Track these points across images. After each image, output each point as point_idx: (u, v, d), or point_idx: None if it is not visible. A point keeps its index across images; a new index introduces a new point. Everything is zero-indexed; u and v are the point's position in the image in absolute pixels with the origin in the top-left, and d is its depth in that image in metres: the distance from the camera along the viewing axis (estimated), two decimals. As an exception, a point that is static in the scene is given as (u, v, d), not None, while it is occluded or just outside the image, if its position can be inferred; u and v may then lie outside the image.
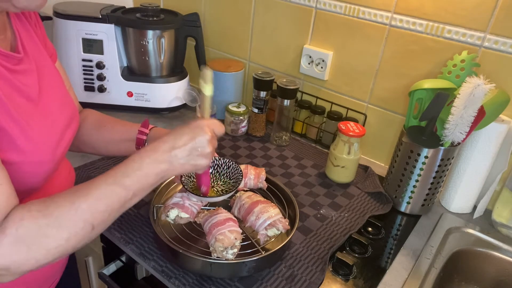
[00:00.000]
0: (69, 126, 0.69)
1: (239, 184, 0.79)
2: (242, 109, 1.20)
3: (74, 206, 0.53)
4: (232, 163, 0.83)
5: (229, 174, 0.83)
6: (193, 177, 0.81)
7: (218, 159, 0.83)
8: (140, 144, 0.82)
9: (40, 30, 0.70)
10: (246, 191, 0.88)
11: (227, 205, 0.88)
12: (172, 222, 0.78)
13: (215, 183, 0.83)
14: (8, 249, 0.49)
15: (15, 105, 0.57)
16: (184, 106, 1.33)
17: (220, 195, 0.77)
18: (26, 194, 0.63)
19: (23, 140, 0.57)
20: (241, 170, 0.82)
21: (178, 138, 0.62)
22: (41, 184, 0.65)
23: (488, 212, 1.00)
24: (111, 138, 0.83)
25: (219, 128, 0.66)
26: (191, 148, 0.62)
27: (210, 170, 0.82)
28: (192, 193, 0.76)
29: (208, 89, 0.65)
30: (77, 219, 0.53)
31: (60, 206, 0.53)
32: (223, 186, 0.82)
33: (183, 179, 0.79)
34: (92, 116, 0.84)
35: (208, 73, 0.64)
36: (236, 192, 0.82)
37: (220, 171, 0.84)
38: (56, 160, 0.65)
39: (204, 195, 0.77)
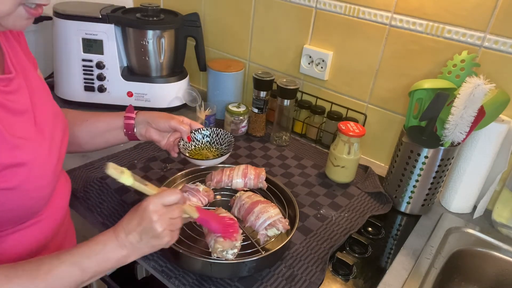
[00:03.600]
0: (63, 138, 0.69)
1: (232, 146, 0.87)
2: (242, 109, 1.20)
3: (33, 283, 0.53)
4: (220, 130, 0.91)
5: (219, 140, 0.90)
6: (190, 143, 0.89)
7: (205, 129, 0.90)
8: (129, 129, 0.82)
9: (22, 39, 0.69)
10: (246, 191, 0.88)
11: (227, 205, 0.88)
12: (172, 222, 0.78)
13: (210, 152, 0.90)
14: None
15: (13, 129, 0.56)
16: (184, 106, 1.33)
17: (216, 158, 0.85)
18: (29, 217, 0.63)
19: (25, 164, 0.57)
20: (230, 133, 0.90)
21: (128, 223, 0.60)
22: (44, 206, 0.64)
23: (488, 212, 1.00)
24: (96, 131, 0.82)
25: (170, 199, 0.61)
26: (141, 232, 0.59)
27: (204, 140, 0.90)
28: (191, 158, 0.82)
29: (125, 179, 0.59)
30: None
31: (21, 279, 0.53)
32: (218, 151, 0.90)
33: (180, 145, 0.84)
34: (71, 114, 0.83)
35: (111, 170, 0.58)
36: (229, 154, 0.87)
37: (210, 140, 0.91)
38: (57, 178, 0.65)
39: (226, 234, 0.72)
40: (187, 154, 0.85)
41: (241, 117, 1.20)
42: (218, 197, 0.92)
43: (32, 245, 0.65)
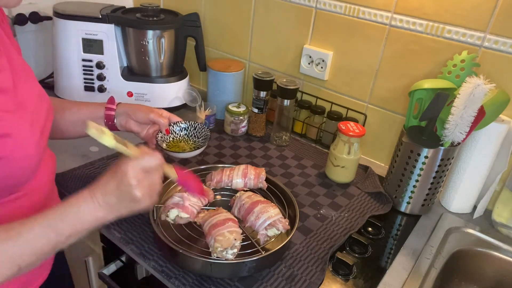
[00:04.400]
0: (48, 117, 0.70)
1: (207, 139, 0.90)
2: (242, 109, 1.20)
3: (3, 247, 0.53)
4: (197, 124, 0.93)
5: (196, 134, 0.93)
6: (168, 136, 0.91)
7: (184, 122, 0.92)
8: (110, 120, 0.85)
9: (6, 25, 0.69)
10: (246, 191, 0.88)
11: (227, 205, 0.88)
12: (172, 222, 0.78)
13: (187, 144, 0.92)
14: None
15: None
16: (184, 106, 1.33)
17: (192, 151, 0.88)
18: (15, 188, 0.64)
19: (9, 135, 0.58)
20: (207, 128, 0.92)
21: (106, 184, 0.59)
22: (29, 177, 0.65)
23: (488, 212, 1.00)
24: (78, 119, 0.84)
25: (150, 163, 0.61)
26: (119, 196, 0.59)
27: (182, 133, 0.92)
28: (168, 150, 0.84)
29: (107, 141, 0.59)
30: (5, 259, 0.53)
31: None
32: (195, 144, 0.92)
33: (158, 138, 0.87)
34: (55, 102, 0.84)
35: (92, 130, 0.58)
36: (204, 147, 0.90)
37: (187, 133, 0.94)
38: (41, 152, 0.66)
39: (201, 195, 0.80)
40: (164, 146, 0.88)
41: (241, 117, 1.20)
42: (218, 197, 0.92)
43: (16, 219, 0.66)
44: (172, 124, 0.90)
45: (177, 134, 0.93)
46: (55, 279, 0.83)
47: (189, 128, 0.94)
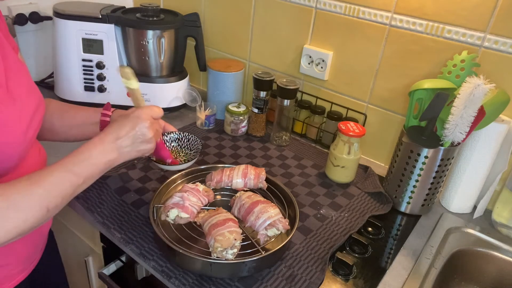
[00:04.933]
0: (37, 110, 0.72)
1: (199, 152, 0.88)
2: (242, 109, 1.20)
3: (30, 191, 0.58)
4: (191, 136, 0.91)
5: (189, 146, 0.92)
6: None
7: (178, 133, 0.91)
8: (104, 125, 0.87)
9: (2, 23, 0.72)
10: (246, 191, 0.88)
11: (227, 205, 0.88)
12: (172, 222, 0.78)
13: (178, 155, 0.90)
14: None
15: None
16: (184, 106, 1.33)
17: (182, 164, 0.86)
18: (2, 171, 0.65)
19: None
20: (200, 141, 0.90)
21: (120, 129, 0.67)
22: (14, 165, 0.67)
23: (488, 212, 1.00)
24: (75, 123, 0.87)
25: (157, 112, 0.72)
26: (133, 137, 0.68)
27: (173, 144, 0.91)
28: (159, 163, 0.83)
29: (133, 83, 0.71)
30: (33, 203, 0.58)
31: (18, 190, 0.57)
32: (186, 157, 0.90)
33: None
34: (53, 104, 0.87)
35: (127, 70, 0.70)
36: (196, 160, 0.88)
37: (180, 144, 0.92)
38: (27, 142, 0.68)
39: (173, 163, 0.83)
40: (154, 159, 0.84)
41: (241, 117, 1.20)
42: (218, 197, 0.92)
43: None
44: (165, 133, 0.89)
45: (168, 145, 0.90)
46: (45, 269, 0.84)
47: (182, 139, 0.92)
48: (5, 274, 0.73)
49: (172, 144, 0.91)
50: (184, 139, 0.92)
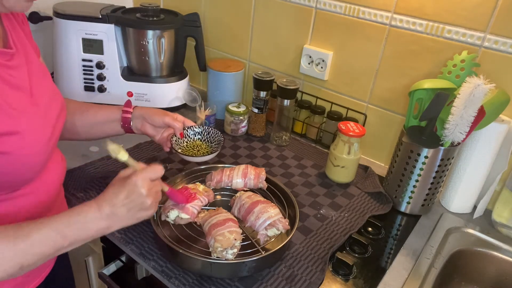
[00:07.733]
0: (60, 115, 0.72)
1: (221, 145, 0.92)
2: (242, 109, 1.20)
3: (10, 245, 0.54)
4: (211, 129, 0.96)
5: (210, 139, 0.96)
6: (183, 140, 0.94)
7: (197, 127, 0.95)
8: (126, 122, 0.88)
9: (26, 27, 0.72)
10: (246, 191, 0.88)
11: (227, 205, 0.88)
12: (172, 222, 0.78)
13: (200, 148, 0.95)
14: None
15: (9, 100, 0.59)
16: (184, 106, 1.33)
17: (205, 155, 0.90)
18: (21, 184, 0.65)
19: (19, 132, 0.59)
20: (220, 133, 0.95)
21: (115, 197, 0.62)
22: (36, 175, 0.66)
23: (488, 212, 1.00)
24: (96, 121, 0.87)
25: (157, 173, 0.65)
26: (129, 206, 0.62)
27: (196, 137, 0.95)
28: (183, 154, 0.86)
29: (123, 156, 0.64)
30: (10, 257, 0.54)
31: (2, 238, 0.54)
32: (207, 149, 0.95)
33: (173, 141, 0.89)
34: (73, 104, 0.87)
35: (112, 147, 0.63)
36: (218, 152, 0.92)
37: (201, 138, 0.96)
38: (50, 150, 0.67)
39: (187, 202, 0.79)
40: (179, 150, 0.89)
41: (241, 117, 1.20)
42: (218, 197, 0.92)
43: (22, 217, 0.67)
44: (186, 128, 0.92)
45: (191, 138, 0.96)
46: (55, 280, 0.83)
47: (203, 132, 0.96)
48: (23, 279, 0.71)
49: (196, 137, 0.96)
50: (205, 133, 0.96)
